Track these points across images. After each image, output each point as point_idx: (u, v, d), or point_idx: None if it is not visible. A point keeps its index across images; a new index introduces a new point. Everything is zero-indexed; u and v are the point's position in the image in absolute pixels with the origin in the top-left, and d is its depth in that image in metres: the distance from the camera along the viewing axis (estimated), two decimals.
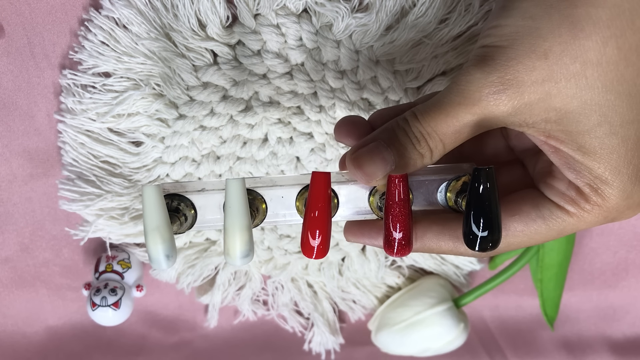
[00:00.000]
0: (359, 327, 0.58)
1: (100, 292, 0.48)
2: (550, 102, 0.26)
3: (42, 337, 0.57)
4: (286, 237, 0.52)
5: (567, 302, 0.57)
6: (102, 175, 0.48)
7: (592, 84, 0.26)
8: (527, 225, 0.30)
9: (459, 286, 0.56)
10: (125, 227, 0.49)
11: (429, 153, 0.29)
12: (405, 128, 0.29)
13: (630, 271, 0.56)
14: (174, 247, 0.28)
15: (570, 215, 0.29)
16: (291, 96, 0.45)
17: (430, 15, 0.42)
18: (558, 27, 0.26)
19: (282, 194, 0.32)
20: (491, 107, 0.27)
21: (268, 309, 0.57)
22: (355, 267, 0.53)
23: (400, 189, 0.28)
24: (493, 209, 0.27)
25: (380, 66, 0.44)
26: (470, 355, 0.58)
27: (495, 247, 0.28)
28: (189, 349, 0.58)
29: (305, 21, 0.43)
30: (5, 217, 0.51)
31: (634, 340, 0.58)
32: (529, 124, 0.27)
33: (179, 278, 0.54)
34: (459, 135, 0.28)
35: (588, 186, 0.28)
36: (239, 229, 0.28)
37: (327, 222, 0.28)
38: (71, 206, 0.48)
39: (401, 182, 0.28)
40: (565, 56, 0.26)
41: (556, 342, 0.59)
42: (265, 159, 0.48)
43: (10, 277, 0.54)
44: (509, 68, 0.26)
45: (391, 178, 0.28)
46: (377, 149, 0.29)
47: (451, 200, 0.31)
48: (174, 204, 0.31)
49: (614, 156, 0.27)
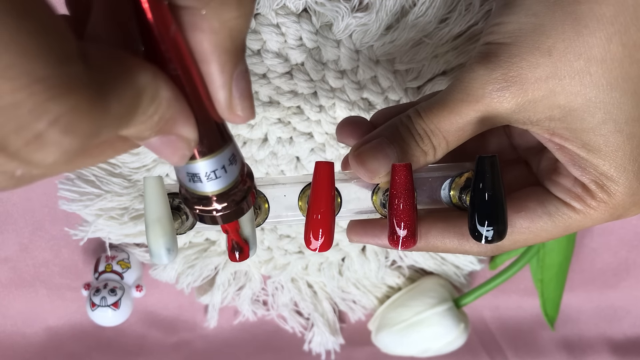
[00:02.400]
0: (359, 327, 0.58)
1: (99, 292, 0.48)
2: (554, 100, 0.26)
3: (42, 338, 0.57)
4: (286, 237, 0.52)
5: (568, 302, 0.57)
6: (101, 175, 0.47)
7: (597, 81, 0.26)
8: (533, 222, 0.30)
9: (459, 286, 0.55)
10: (125, 227, 0.49)
11: (432, 151, 0.29)
12: (408, 125, 0.29)
13: (631, 271, 0.56)
14: (175, 241, 0.28)
15: (577, 212, 0.29)
16: (291, 96, 0.45)
17: (431, 14, 0.42)
18: (561, 24, 0.26)
19: (284, 193, 0.32)
20: (495, 104, 0.27)
21: (268, 309, 0.57)
22: (356, 267, 0.53)
23: (404, 178, 0.27)
24: (498, 198, 0.27)
25: (381, 66, 0.44)
26: (470, 355, 0.58)
27: (501, 237, 0.28)
28: (188, 349, 0.58)
29: (305, 21, 0.43)
30: (5, 217, 0.51)
31: (635, 341, 0.58)
32: (533, 122, 0.27)
33: (179, 278, 0.54)
34: (463, 132, 0.28)
35: (594, 183, 0.28)
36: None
37: (331, 212, 0.28)
38: (71, 206, 0.48)
39: (405, 170, 0.27)
40: (569, 53, 0.26)
41: (557, 342, 0.59)
42: (265, 159, 0.47)
43: (10, 277, 0.54)
44: (513, 65, 0.26)
45: (395, 167, 0.28)
46: (380, 146, 0.29)
47: (455, 197, 0.31)
48: (176, 202, 0.31)
49: (619, 153, 0.27)
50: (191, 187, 0.21)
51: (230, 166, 0.21)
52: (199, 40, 0.18)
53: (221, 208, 0.22)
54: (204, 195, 0.21)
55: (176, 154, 0.20)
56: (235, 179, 0.22)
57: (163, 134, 0.19)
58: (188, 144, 0.19)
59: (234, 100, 0.20)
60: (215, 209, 0.22)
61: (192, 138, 0.19)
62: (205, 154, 0.20)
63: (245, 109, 0.20)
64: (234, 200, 0.22)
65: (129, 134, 0.18)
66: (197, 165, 0.20)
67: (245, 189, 0.22)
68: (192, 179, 0.21)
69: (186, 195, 0.22)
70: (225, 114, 0.20)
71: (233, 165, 0.21)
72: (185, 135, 0.19)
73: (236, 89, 0.20)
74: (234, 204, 0.22)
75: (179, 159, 0.20)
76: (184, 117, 0.19)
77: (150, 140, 0.19)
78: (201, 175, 0.21)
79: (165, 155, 0.20)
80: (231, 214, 0.22)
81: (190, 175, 0.21)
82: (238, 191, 0.22)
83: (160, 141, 0.19)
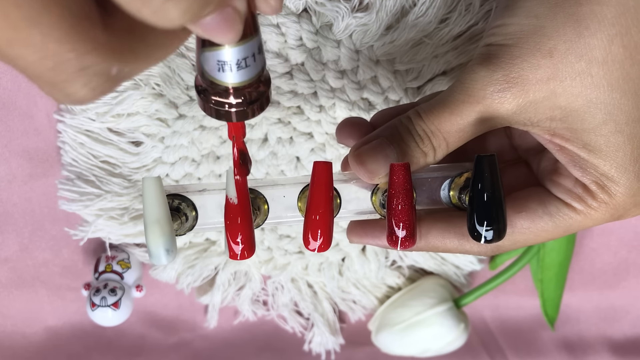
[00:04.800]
0: (359, 327, 0.58)
1: (99, 293, 0.48)
2: (555, 101, 0.26)
3: (42, 338, 0.57)
4: (286, 237, 0.52)
5: (568, 302, 0.57)
6: (101, 175, 0.47)
7: (598, 82, 0.26)
8: (534, 222, 0.30)
9: (459, 286, 0.55)
10: (125, 227, 0.49)
11: (432, 152, 0.29)
12: (408, 126, 0.29)
13: (631, 271, 0.56)
14: (174, 242, 0.28)
15: (577, 213, 0.29)
16: (291, 96, 0.45)
17: (431, 14, 0.42)
18: (563, 25, 0.26)
19: (283, 194, 0.32)
20: (496, 105, 0.27)
21: (268, 309, 0.57)
22: (356, 267, 0.53)
23: (402, 178, 0.27)
24: (497, 197, 0.27)
25: (381, 66, 0.44)
26: (470, 355, 0.58)
27: (500, 237, 0.28)
28: (188, 349, 0.58)
29: (305, 21, 0.43)
30: (5, 217, 0.51)
31: (635, 341, 0.58)
32: (534, 123, 0.27)
33: (179, 278, 0.54)
34: (463, 134, 0.28)
35: (595, 183, 0.28)
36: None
37: (330, 213, 0.28)
38: (71, 206, 0.48)
39: (403, 170, 0.27)
40: (570, 54, 0.26)
41: (557, 343, 0.59)
42: (265, 159, 0.47)
43: (10, 277, 0.54)
44: (514, 66, 0.26)
45: (393, 167, 0.27)
46: (380, 146, 0.29)
47: (454, 197, 0.31)
48: (175, 203, 0.31)
49: (620, 154, 0.27)
50: (216, 77, 0.22)
51: (259, 55, 0.22)
52: None
53: (236, 103, 0.22)
54: (225, 87, 0.22)
55: (233, 29, 0.19)
56: (257, 72, 0.22)
57: (221, 7, 0.19)
58: (241, 17, 0.19)
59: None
60: (230, 102, 0.22)
61: (243, 10, 0.19)
62: (241, 40, 0.20)
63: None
64: (250, 98, 0.23)
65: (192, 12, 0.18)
66: (230, 50, 0.21)
67: (260, 92, 0.23)
68: (222, 68, 0.21)
69: (205, 87, 0.22)
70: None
71: (261, 55, 0.22)
72: (239, 7, 0.19)
73: None
74: (247, 102, 0.23)
75: (235, 34, 0.19)
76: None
77: (208, 19, 0.19)
78: (232, 63, 0.21)
79: (223, 32, 0.19)
80: (244, 111, 0.23)
81: (221, 63, 0.21)
82: (253, 90, 0.23)
83: (217, 18, 0.19)
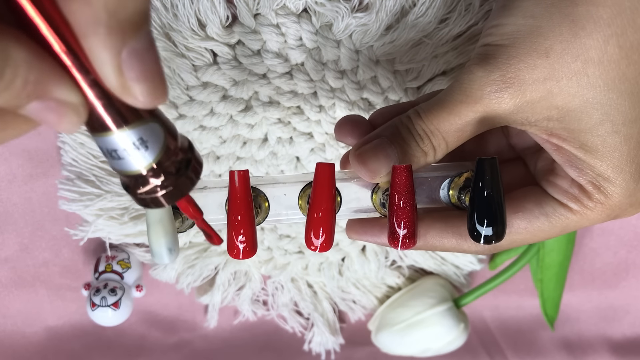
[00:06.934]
0: (359, 327, 0.58)
1: (99, 292, 0.48)
2: (551, 101, 0.26)
3: (42, 338, 0.57)
4: (286, 237, 0.52)
5: (568, 302, 0.57)
6: (101, 175, 0.48)
7: (594, 82, 0.26)
8: (530, 223, 0.30)
9: (459, 286, 0.55)
10: (125, 227, 0.49)
11: (432, 151, 0.29)
12: (408, 126, 0.29)
13: (631, 271, 0.56)
14: (176, 241, 0.28)
15: (573, 213, 0.29)
16: (291, 96, 0.45)
17: (431, 15, 0.42)
18: (559, 25, 0.26)
19: (284, 192, 0.32)
20: (493, 105, 0.27)
21: (268, 309, 0.57)
22: (355, 267, 0.53)
23: (404, 180, 0.28)
24: (497, 200, 0.27)
25: (380, 66, 0.44)
26: (470, 355, 0.58)
27: (499, 239, 0.28)
28: (188, 349, 0.58)
29: (305, 21, 0.43)
30: (5, 217, 0.51)
31: (634, 341, 0.58)
32: (531, 122, 0.28)
33: (179, 278, 0.54)
34: (462, 133, 0.28)
35: (591, 184, 0.28)
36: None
37: (332, 213, 0.28)
38: (71, 206, 0.48)
39: (406, 172, 0.28)
40: (567, 54, 0.26)
41: (556, 342, 0.59)
42: (265, 159, 0.48)
43: (10, 277, 0.54)
44: (511, 66, 0.26)
45: (396, 169, 0.28)
46: (380, 146, 0.29)
47: (454, 197, 0.31)
48: None
49: (616, 154, 0.27)
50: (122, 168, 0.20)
51: (152, 137, 0.20)
52: (72, 10, 0.16)
53: (160, 183, 0.21)
54: (137, 174, 0.20)
55: (62, 120, 0.18)
56: (161, 149, 0.20)
57: (39, 99, 0.17)
58: (74, 108, 0.18)
59: (128, 82, 0.18)
60: (155, 185, 0.21)
61: (74, 101, 0.18)
62: (121, 126, 0.19)
63: (146, 93, 0.18)
64: (170, 172, 0.21)
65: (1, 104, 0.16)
66: (110, 138, 0.19)
67: (179, 160, 0.21)
68: (111, 155, 0.20)
69: (124, 181, 0.21)
70: (120, 95, 0.18)
71: (155, 136, 0.20)
72: (65, 99, 0.17)
73: (130, 69, 0.17)
74: (171, 178, 0.21)
75: (68, 125, 0.18)
76: (55, 79, 0.17)
77: (30, 108, 0.17)
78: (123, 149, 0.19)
79: (52, 123, 0.18)
80: (173, 191, 0.21)
81: (109, 151, 0.19)
82: (171, 163, 0.21)
83: (41, 107, 0.17)
